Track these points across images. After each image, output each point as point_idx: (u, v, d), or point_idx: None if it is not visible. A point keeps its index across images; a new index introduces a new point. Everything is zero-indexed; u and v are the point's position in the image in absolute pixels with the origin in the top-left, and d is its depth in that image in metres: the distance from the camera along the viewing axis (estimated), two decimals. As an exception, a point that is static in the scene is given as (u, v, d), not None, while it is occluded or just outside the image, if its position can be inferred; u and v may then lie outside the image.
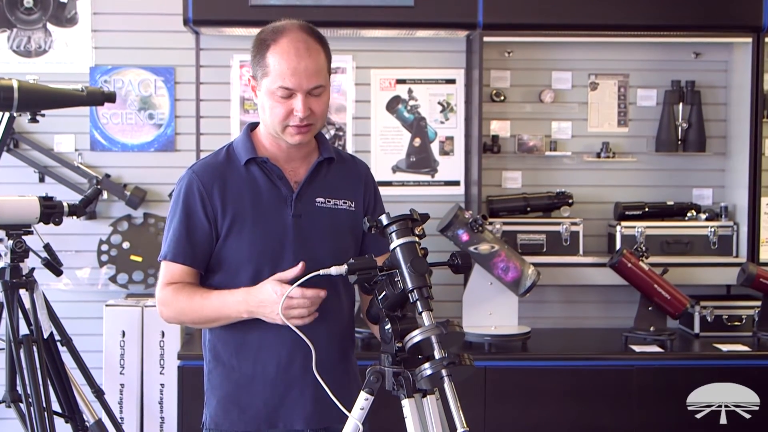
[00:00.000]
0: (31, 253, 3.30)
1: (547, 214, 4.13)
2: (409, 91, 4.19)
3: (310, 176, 2.24)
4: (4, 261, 3.25)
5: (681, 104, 4.16)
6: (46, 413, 3.08)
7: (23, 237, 3.24)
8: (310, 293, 2.05)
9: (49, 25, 4.09)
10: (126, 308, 3.88)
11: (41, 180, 4.07)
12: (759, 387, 3.63)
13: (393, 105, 4.19)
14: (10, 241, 3.22)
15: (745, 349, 3.75)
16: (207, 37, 4.09)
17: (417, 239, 2.01)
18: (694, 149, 4.16)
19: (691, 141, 4.15)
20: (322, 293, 2.08)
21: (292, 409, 2.21)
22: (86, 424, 3.37)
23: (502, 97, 4.19)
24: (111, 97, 3.46)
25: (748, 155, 3.98)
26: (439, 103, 4.20)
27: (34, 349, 3.17)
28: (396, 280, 1.99)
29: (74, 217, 3.42)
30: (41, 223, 3.29)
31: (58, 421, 3.25)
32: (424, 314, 1.95)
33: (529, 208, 4.11)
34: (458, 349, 1.99)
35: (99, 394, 3.46)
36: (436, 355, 1.90)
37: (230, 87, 4.13)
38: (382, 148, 4.19)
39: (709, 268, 4.05)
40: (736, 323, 3.98)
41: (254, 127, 2.31)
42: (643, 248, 3.88)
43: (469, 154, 4.13)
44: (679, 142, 4.17)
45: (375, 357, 2.10)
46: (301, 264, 2.07)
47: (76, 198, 3.64)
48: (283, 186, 2.21)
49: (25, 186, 3.99)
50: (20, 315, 3.24)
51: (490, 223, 3.83)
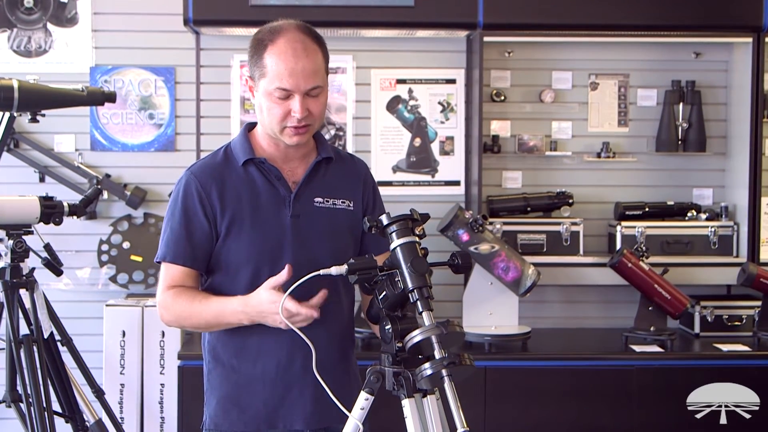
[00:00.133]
0: (32, 253, 3.30)
1: (548, 214, 4.13)
2: (410, 91, 4.18)
3: (308, 176, 2.23)
4: (5, 261, 3.24)
5: (681, 104, 4.16)
6: (46, 413, 3.08)
7: (23, 237, 3.24)
8: (305, 311, 2.01)
9: (50, 25, 4.09)
10: (126, 308, 3.88)
11: (41, 180, 4.07)
12: (759, 387, 3.63)
13: (393, 105, 4.19)
14: (11, 241, 3.21)
15: (746, 349, 3.74)
16: (207, 37, 4.09)
17: (417, 239, 2.01)
18: (694, 149, 4.16)
19: (692, 141, 4.15)
20: (320, 300, 2.07)
21: (292, 409, 2.21)
22: (86, 424, 3.37)
23: (503, 97, 4.19)
24: (111, 97, 3.47)
25: (749, 155, 3.98)
26: (440, 103, 4.19)
27: (35, 349, 3.17)
28: (396, 280, 1.98)
29: (74, 217, 3.42)
30: (41, 223, 3.29)
31: (59, 421, 3.25)
32: (424, 314, 1.94)
33: (529, 208, 4.11)
34: (458, 349, 1.99)
35: (99, 394, 3.47)
36: (437, 355, 1.89)
37: (230, 87, 4.13)
38: (383, 148, 4.19)
39: (710, 268, 4.05)
40: (737, 323, 3.98)
41: (252, 127, 2.30)
42: (644, 248, 3.87)
43: (470, 154, 4.13)
44: (680, 142, 4.17)
45: (375, 357, 2.10)
46: (287, 267, 2.04)
47: (76, 198, 3.64)
48: (281, 186, 2.20)
49: (26, 186, 4.00)
50: (20, 315, 3.24)
51: (491, 223, 3.83)
